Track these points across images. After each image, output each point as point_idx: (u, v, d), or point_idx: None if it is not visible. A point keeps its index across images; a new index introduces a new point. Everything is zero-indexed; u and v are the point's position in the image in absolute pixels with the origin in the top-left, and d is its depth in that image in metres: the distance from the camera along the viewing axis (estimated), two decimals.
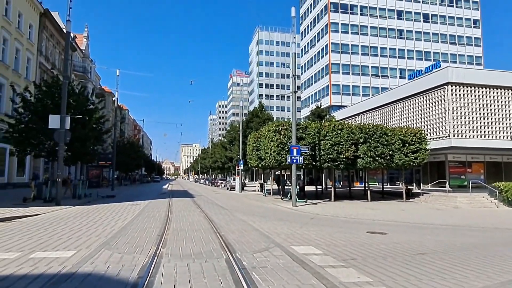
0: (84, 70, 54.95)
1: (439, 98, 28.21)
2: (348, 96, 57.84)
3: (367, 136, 24.43)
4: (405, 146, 25.38)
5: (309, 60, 69.84)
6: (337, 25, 61.24)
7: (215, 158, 63.89)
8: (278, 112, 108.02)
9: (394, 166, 25.89)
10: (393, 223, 14.09)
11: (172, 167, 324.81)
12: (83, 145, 21.88)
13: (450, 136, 26.97)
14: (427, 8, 65.54)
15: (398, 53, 62.87)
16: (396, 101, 33.92)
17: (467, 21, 67.03)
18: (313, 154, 23.93)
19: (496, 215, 18.94)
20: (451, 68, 28.55)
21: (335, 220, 14.83)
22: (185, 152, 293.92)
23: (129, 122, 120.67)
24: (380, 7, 63.48)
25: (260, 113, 42.02)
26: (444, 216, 17.60)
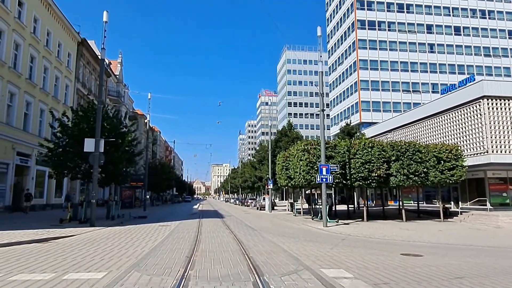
0: (118, 95, 57.37)
1: (475, 113, 27.14)
2: (379, 112, 56.76)
3: (399, 154, 23.76)
4: (440, 163, 24.44)
5: (338, 77, 69.47)
6: (365, 41, 60.85)
7: (245, 178, 63.99)
8: (307, 130, 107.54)
9: (430, 184, 24.90)
10: (429, 245, 13.45)
11: (203, 187, 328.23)
12: (116, 167, 22.54)
13: (488, 152, 25.74)
14: (458, 21, 63.97)
15: (430, 67, 61.36)
16: (429, 117, 32.92)
17: (501, 32, 64.72)
18: (343, 173, 23.50)
19: None
20: (486, 81, 27.51)
21: (367, 241, 14.34)
22: (215, 172, 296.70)
23: (161, 143, 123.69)
24: (408, 22, 62.61)
25: (288, 132, 41.94)
26: (485, 237, 16.64)
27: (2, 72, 24.99)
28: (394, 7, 62.70)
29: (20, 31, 27.52)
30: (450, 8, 64.09)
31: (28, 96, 28.80)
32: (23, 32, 27.98)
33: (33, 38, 29.59)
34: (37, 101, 30.32)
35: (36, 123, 30.51)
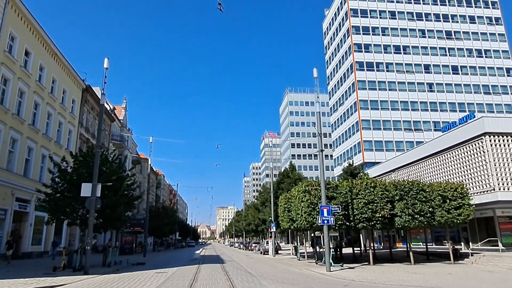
0: (121, 139, 57.86)
1: (478, 150, 26.80)
2: (382, 152, 56.49)
3: (403, 193, 23.17)
4: (446, 202, 23.73)
5: (339, 118, 70.01)
6: (364, 82, 61.88)
7: (249, 221, 62.72)
8: (311, 171, 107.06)
9: (437, 224, 24.04)
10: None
11: (208, 231, 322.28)
12: (113, 212, 22.13)
13: (495, 189, 25.10)
14: (455, 60, 65.29)
15: (430, 106, 61.81)
16: (432, 155, 32.57)
17: (499, 70, 65.74)
18: (346, 214, 22.86)
19: None
20: (486, 117, 27.43)
21: (371, 287, 13.53)
22: (220, 215, 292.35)
23: (165, 187, 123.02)
24: (406, 63, 63.94)
25: (291, 174, 41.55)
26: (498, 280, 15.70)
27: (5, 119, 25.33)
28: (391, 48, 64.39)
29: (25, 79, 28.23)
30: (446, 48, 65.67)
31: (30, 142, 28.99)
32: (28, 80, 28.71)
33: (38, 85, 30.31)
34: (39, 146, 30.49)
35: (37, 168, 30.49)
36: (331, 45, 76.26)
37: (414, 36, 65.59)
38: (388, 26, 65.92)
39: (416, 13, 67.38)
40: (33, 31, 29.29)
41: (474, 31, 67.46)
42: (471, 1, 69.60)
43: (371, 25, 65.57)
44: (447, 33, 66.61)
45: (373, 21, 65.84)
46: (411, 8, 67.60)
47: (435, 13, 67.83)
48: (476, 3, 69.68)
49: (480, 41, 66.83)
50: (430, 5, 68.26)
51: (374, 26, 65.55)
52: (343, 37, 68.86)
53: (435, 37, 65.91)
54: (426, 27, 66.55)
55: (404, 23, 66.47)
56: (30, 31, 28.87)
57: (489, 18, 68.84)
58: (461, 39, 66.57)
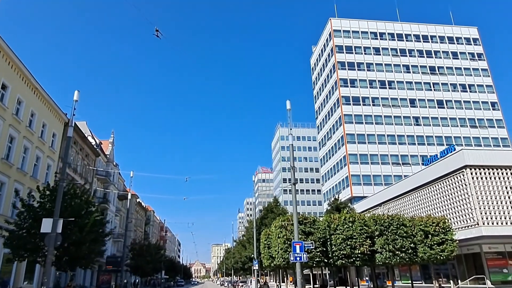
0: (106, 174, 56.77)
1: (460, 183, 26.24)
2: (370, 186, 55.78)
3: (383, 228, 22.30)
4: (428, 237, 22.84)
5: (327, 152, 69.78)
6: (351, 116, 62.22)
7: (236, 258, 60.64)
8: (303, 206, 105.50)
9: (420, 260, 23.00)
10: None
11: (203, 269, 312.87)
12: (78, 249, 21.02)
13: (479, 224, 24.28)
14: (440, 94, 66.24)
15: (417, 139, 61.95)
16: (416, 189, 31.95)
17: (484, 104, 66.65)
18: (324, 250, 21.87)
19: None
20: (466, 150, 27.08)
21: None
22: (215, 253, 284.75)
23: (155, 223, 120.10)
24: (391, 97, 64.73)
25: (274, 208, 40.52)
26: None
27: None
28: (376, 83, 65.38)
29: (1, 112, 27.69)
30: (431, 83, 66.77)
31: (2, 176, 28.00)
32: (4, 113, 28.16)
33: (14, 119, 29.72)
34: (12, 181, 29.41)
35: (9, 203, 29.29)
36: (318, 80, 77.47)
37: (399, 72, 66.86)
38: (373, 62, 67.30)
39: (400, 49, 69.11)
40: (12, 65, 29.14)
41: (457, 66, 69.00)
42: (453, 38, 71.71)
43: (356, 60, 66.95)
44: (431, 68, 68.04)
45: (358, 57, 67.32)
46: (394, 45, 69.40)
47: (419, 49, 69.60)
48: (458, 40, 71.76)
49: (464, 76, 68.18)
50: (413, 42, 70.20)
51: (359, 61, 66.92)
52: (329, 73, 70.06)
53: (419, 72, 67.25)
54: (410, 63, 68.02)
55: (389, 58, 67.94)
56: (8, 65, 28.72)
57: (471, 54, 70.69)
58: (445, 74, 67.91)
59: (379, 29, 70.85)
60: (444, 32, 72.34)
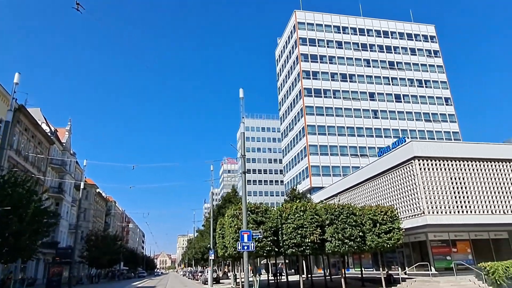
0: (62, 163, 54.24)
1: (409, 174, 27.12)
2: (329, 177, 56.87)
3: (333, 217, 22.57)
4: (376, 226, 23.44)
5: (289, 143, 70.45)
6: (312, 108, 62.97)
7: (196, 249, 60.17)
8: (266, 197, 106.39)
9: (367, 248, 23.59)
10: None
11: (168, 260, 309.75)
12: (18, 240, 19.84)
13: (424, 213, 25.22)
14: (398, 89, 68.37)
15: (375, 132, 63.75)
16: (369, 180, 32.78)
17: (438, 99, 69.47)
18: (275, 239, 21.89)
19: None
20: (415, 142, 28.03)
21: None
22: (180, 243, 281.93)
23: (116, 214, 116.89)
24: (352, 90, 66.02)
25: (233, 198, 40.30)
26: None
27: None
28: (338, 76, 66.40)
29: None
30: (390, 77, 68.69)
31: None
32: None
33: None
34: None
35: None
36: (282, 72, 77.72)
37: (360, 65, 68.23)
38: (335, 55, 68.20)
39: (361, 43, 70.43)
40: None
41: (415, 62, 71.35)
42: (411, 35, 73.99)
43: (319, 53, 67.60)
44: (390, 63, 69.93)
45: (321, 49, 67.97)
46: (356, 39, 70.63)
47: (379, 45, 71.24)
48: (416, 36, 74.13)
49: (421, 71, 70.65)
50: (374, 37, 71.73)
51: (322, 54, 67.61)
52: (292, 64, 70.37)
53: (379, 67, 68.94)
54: (371, 57, 69.55)
55: (350, 52, 69.11)
56: None
57: (428, 50, 73.29)
58: (403, 70, 70.07)
59: (342, 23, 71.80)
60: (404, 28, 74.46)
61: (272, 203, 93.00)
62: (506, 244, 28.41)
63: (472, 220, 26.02)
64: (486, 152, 28.18)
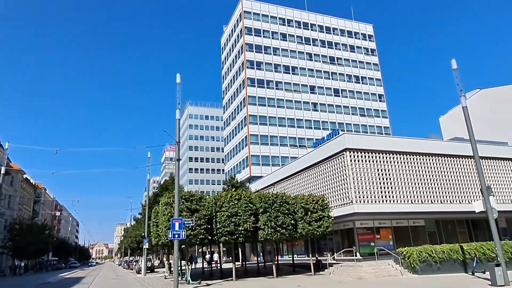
0: None
1: (340, 164, 28.45)
2: (268, 166, 58.01)
3: (267, 206, 23.09)
4: (307, 214, 24.42)
5: (231, 132, 70.60)
6: (255, 98, 63.52)
7: (132, 238, 58.46)
8: (208, 185, 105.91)
9: (299, 236, 24.55)
10: None
11: (105, 249, 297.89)
12: None
13: (352, 202, 26.69)
14: (337, 84, 71.24)
15: (314, 124, 66.04)
16: (305, 169, 33.90)
17: (373, 96, 73.62)
18: (209, 228, 21.94)
19: (394, 285, 17.84)
20: (347, 134, 29.44)
21: None
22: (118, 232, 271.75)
23: (47, 202, 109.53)
24: (294, 83, 67.55)
25: (170, 186, 39.56)
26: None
27: None
28: (281, 68, 67.47)
29: None
30: (330, 72, 71.28)
31: None
32: None
33: None
34: None
35: None
36: (227, 61, 77.19)
37: (302, 59, 69.87)
38: (279, 47, 69.11)
39: (304, 37, 72.01)
40: None
41: (353, 59, 74.67)
42: (351, 32, 77.14)
43: (264, 44, 68.05)
44: (330, 58, 72.47)
45: (266, 40, 68.47)
46: (300, 33, 72.07)
47: (321, 40, 73.42)
48: (355, 34, 77.44)
49: (358, 68, 74.18)
50: (317, 32, 73.69)
51: (266, 45, 68.13)
52: (237, 53, 70.15)
53: (320, 61, 71.16)
54: (313, 51, 71.49)
55: (294, 45, 70.44)
56: None
57: (366, 48, 77.03)
58: (342, 65, 73.04)
59: (288, 15, 72.74)
60: (345, 26, 77.38)
61: (214, 191, 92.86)
62: (422, 230, 31.10)
63: (395, 208, 28.03)
64: (410, 146, 30.38)
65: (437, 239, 30.65)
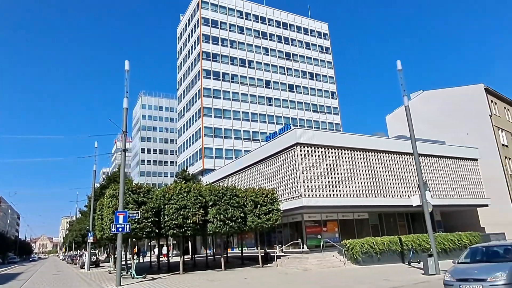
0: None
1: (291, 159, 28.94)
2: (221, 159, 57.75)
3: (216, 199, 22.99)
4: (257, 207, 24.64)
5: (185, 124, 69.39)
6: (210, 90, 62.80)
7: (77, 231, 55.88)
8: (160, 178, 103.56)
9: (248, 229, 24.73)
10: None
11: (50, 244, 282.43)
12: None
13: (301, 195, 27.31)
14: (292, 79, 72.30)
15: (268, 118, 66.66)
16: (257, 163, 34.14)
17: (325, 93, 75.65)
18: (157, 221, 21.45)
19: (336, 276, 18.51)
20: (298, 129, 29.98)
21: None
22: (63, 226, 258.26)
23: None
24: (250, 76, 67.60)
25: (118, 178, 38.03)
26: (282, 284, 16.40)
27: None
28: (237, 61, 67.15)
29: None
30: (285, 67, 72.12)
31: None
32: None
33: None
34: None
35: None
36: (183, 51, 75.50)
37: (259, 53, 70.02)
38: (236, 40, 68.70)
39: (261, 32, 72.14)
40: None
41: (308, 56, 76.04)
42: (307, 30, 78.45)
43: (221, 36, 67.32)
44: (286, 54, 73.27)
45: (223, 32, 67.77)
46: (257, 27, 72.07)
47: (278, 35, 73.96)
48: (311, 32, 78.86)
49: (313, 65, 75.71)
50: (274, 27, 74.09)
51: (223, 37, 67.46)
52: (193, 44, 68.81)
53: (276, 56, 71.73)
54: (270, 46, 71.87)
55: (251, 39, 70.32)
56: None
57: (321, 46, 78.74)
58: (298, 62, 74.18)
59: (245, 8, 72.42)
60: (301, 23, 78.48)
61: (166, 184, 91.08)
62: (366, 223, 32.63)
63: (341, 202, 29.06)
64: (358, 142, 31.53)
65: (380, 231, 32.30)
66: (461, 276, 9.74)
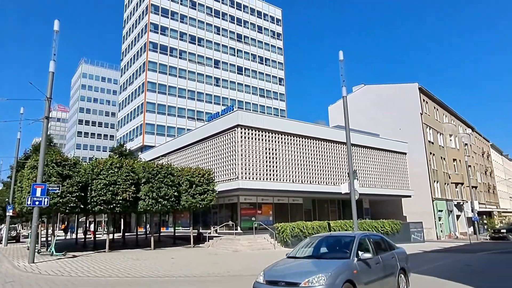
0: None
1: (231, 140, 28.77)
2: (163, 137, 56.20)
3: (150, 176, 22.27)
4: (192, 187, 24.30)
5: (127, 97, 66.29)
6: (156, 64, 60.39)
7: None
8: (98, 152, 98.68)
9: (181, 208, 24.35)
10: (130, 280, 11.69)
11: None
12: None
13: (238, 177, 27.34)
14: (241, 62, 71.79)
15: (214, 99, 65.84)
16: (197, 142, 33.56)
17: (274, 78, 76.22)
18: (82, 196, 20.28)
19: (262, 257, 18.85)
20: (241, 111, 29.82)
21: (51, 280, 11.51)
22: None
23: None
24: (199, 54, 65.96)
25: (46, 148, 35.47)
26: (207, 264, 16.35)
27: None
28: (186, 37, 65.10)
29: None
30: (236, 49, 71.38)
31: None
32: None
33: None
34: None
35: None
36: (129, 20, 71.43)
37: (210, 31, 68.38)
38: (187, 15, 66.34)
39: (214, 9, 70.39)
40: None
41: (260, 40, 75.83)
42: (261, 13, 78.02)
43: (171, 8, 64.54)
44: (238, 35, 72.42)
45: (174, 5, 65.00)
46: (210, 4, 70.17)
47: (231, 15, 72.70)
48: (265, 16, 78.56)
49: (263, 50, 75.71)
50: (227, 6, 72.64)
51: (173, 10, 64.75)
52: (141, 14, 65.32)
53: (227, 37, 70.60)
54: (222, 26, 70.47)
55: (203, 16, 68.35)
56: None
57: (273, 31, 78.82)
58: (249, 44, 73.71)
59: None
60: (256, 5, 77.71)
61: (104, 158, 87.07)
62: (300, 208, 33.65)
63: (277, 186, 29.55)
64: (298, 129, 32.09)
65: (312, 216, 33.52)
66: (273, 278, 7.47)
